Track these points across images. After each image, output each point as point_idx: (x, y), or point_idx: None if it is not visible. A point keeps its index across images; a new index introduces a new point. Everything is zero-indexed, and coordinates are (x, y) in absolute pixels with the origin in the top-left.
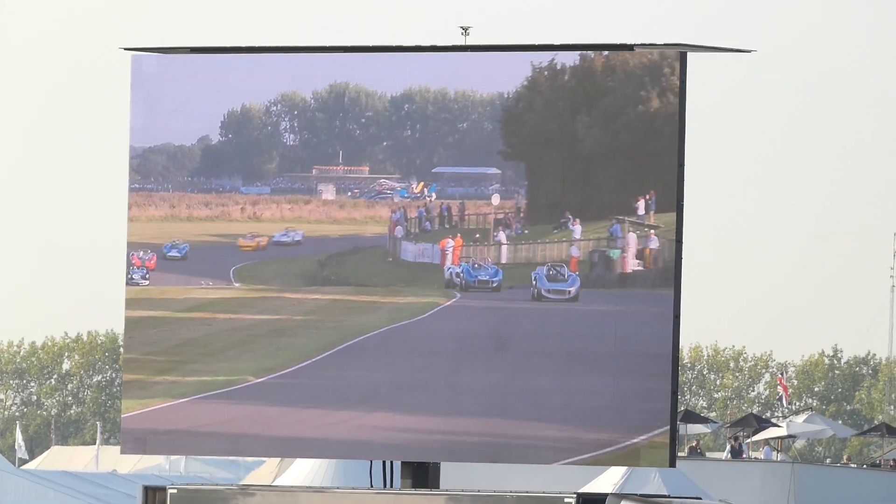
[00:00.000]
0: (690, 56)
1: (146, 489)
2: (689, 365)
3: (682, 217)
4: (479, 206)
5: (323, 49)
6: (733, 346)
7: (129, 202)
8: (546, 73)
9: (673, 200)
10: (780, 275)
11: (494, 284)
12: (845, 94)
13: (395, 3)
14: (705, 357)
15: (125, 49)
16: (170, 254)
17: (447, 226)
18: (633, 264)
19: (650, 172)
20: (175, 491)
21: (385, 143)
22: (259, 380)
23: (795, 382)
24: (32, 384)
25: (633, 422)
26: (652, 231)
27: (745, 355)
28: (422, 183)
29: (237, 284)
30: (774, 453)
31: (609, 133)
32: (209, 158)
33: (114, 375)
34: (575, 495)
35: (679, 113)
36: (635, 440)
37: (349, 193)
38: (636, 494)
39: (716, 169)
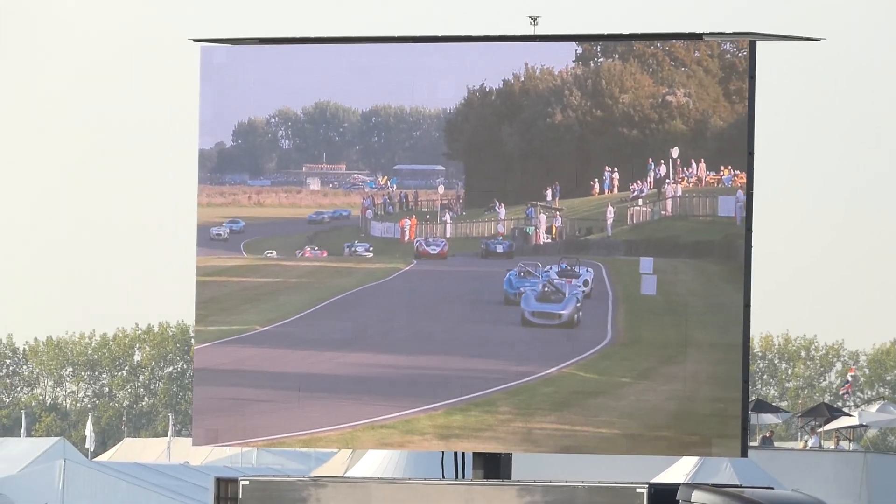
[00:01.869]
0: (764, 47)
1: (218, 481)
2: (760, 354)
3: (752, 206)
4: (428, 195)
5: (380, 39)
6: (804, 336)
7: (198, 193)
8: (478, 94)
9: (573, 189)
10: (851, 263)
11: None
12: None
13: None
14: (776, 346)
15: (195, 40)
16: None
17: (405, 209)
18: (543, 238)
19: (555, 168)
20: (247, 482)
21: (357, 147)
22: (264, 328)
23: (867, 371)
24: (104, 376)
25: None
26: (557, 212)
27: (816, 344)
28: (386, 177)
29: (246, 255)
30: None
31: (525, 139)
32: (223, 159)
33: (185, 367)
34: (647, 486)
35: (749, 102)
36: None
37: (331, 185)
38: (708, 484)
39: (787, 156)
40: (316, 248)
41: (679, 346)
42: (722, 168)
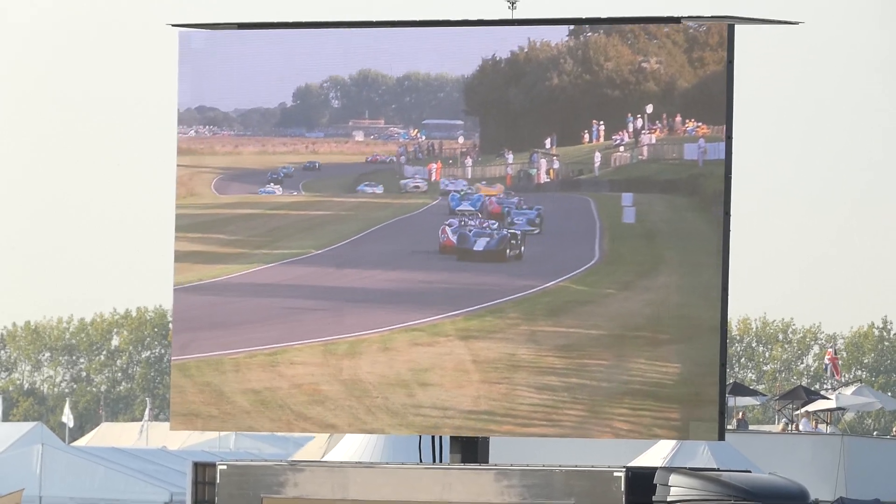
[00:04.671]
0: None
1: (196, 465)
2: (737, 337)
3: (730, 189)
4: (451, 144)
5: (353, 24)
6: (782, 319)
7: (186, 149)
8: (490, 62)
9: (568, 138)
10: (829, 246)
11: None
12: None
13: None
14: (754, 329)
15: (173, 25)
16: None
17: (432, 156)
18: (544, 178)
19: (552, 121)
20: (225, 467)
21: (393, 106)
22: (318, 252)
23: (845, 354)
24: (82, 360)
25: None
26: (555, 157)
27: (793, 327)
28: (416, 129)
29: (304, 193)
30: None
31: (528, 98)
32: (286, 115)
33: (162, 351)
34: (624, 469)
35: (727, 87)
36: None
37: (372, 136)
38: (686, 468)
39: (764, 137)
40: (369, 184)
41: (653, 263)
42: (687, 121)
